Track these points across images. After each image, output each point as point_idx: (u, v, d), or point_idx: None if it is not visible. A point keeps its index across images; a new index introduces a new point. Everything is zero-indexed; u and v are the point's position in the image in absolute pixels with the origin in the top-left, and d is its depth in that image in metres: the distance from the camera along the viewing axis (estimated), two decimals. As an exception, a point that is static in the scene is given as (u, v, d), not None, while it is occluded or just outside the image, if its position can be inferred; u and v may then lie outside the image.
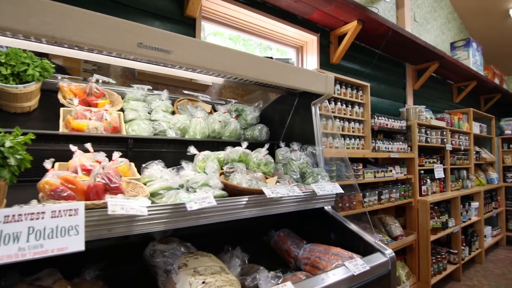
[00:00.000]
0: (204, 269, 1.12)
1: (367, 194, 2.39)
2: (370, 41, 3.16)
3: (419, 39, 3.15)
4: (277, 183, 1.51)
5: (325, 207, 1.74)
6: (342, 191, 1.61)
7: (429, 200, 2.90)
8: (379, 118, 2.64)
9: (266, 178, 1.60)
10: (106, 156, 1.15)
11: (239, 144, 1.65)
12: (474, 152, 4.37)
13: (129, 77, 2.15)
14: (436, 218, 3.07)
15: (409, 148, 2.99)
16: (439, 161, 3.45)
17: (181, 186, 1.21)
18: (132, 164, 1.38)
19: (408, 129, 3.06)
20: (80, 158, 1.16)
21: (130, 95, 1.77)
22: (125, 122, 1.66)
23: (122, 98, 1.76)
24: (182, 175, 1.34)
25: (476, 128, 4.48)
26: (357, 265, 1.26)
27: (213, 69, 1.28)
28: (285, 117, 2.17)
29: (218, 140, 1.88)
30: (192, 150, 1.46)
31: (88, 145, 1.18)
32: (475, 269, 3.80)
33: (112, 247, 1.36)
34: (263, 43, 2.82)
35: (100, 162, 1.04)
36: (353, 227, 1.61)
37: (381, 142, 2.63)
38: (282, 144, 1.93)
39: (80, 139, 1.34)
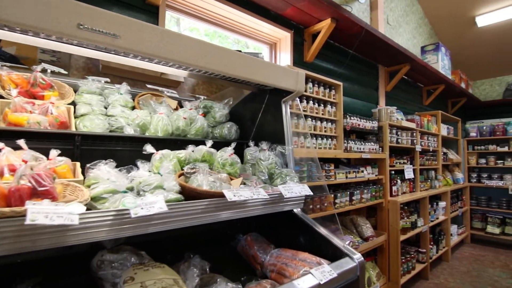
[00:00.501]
0: (154, 283, 1.00)
1: (339, 195, 2.35)
2: (343, 41, 3.14)
3: (392, 41, 3.18)
4: (243, 185, 1.41)
5: (294, 210, 1.66)
6: (311, 193, 1.53)
7: (399, 201, 2.93)
8: (352, 118, 2.61)
9: (232, 179, 1.49)
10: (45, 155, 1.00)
11: (206, 143, 1.55)
12: (442, 153, 4.51)
13: (93, 71, 1.97)
14: (406, 218, 3.10)
15: (380, 148, 3.00)
16: (409, 162, 3.51)
17: (131, 189, 1.07)
18: (78, 164, 1.23)
19: (380, 130, 3.08)
20: (8, 156, 1.00)
21: (84, 88, 1.60)
22: (76, 117, 1.49)
23: (76, 91, 1.58)
24: (134, 177, 1.20)
25: (444, 130, 4.63)
26: (324, 272, 1.18)
27: (170, 58, 1.15)
28: (255, 115, 2.08)
29: (183, 138, 1.75)
30: (148, 148, 1.33)
31: (21, 142, 1.01)
32: (442, 267, 3.91)
33: (52, 258, 1.19)
34: (241, 41, 2.72)
35: (26, 162, 0.88)
36: (321, 230, 1.54)
37: (353, 143, 2.61)
38: (251, 143, 1.83)
39: (17, 135, 1.16)
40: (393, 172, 3.17)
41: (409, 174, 3.39)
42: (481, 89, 6.73)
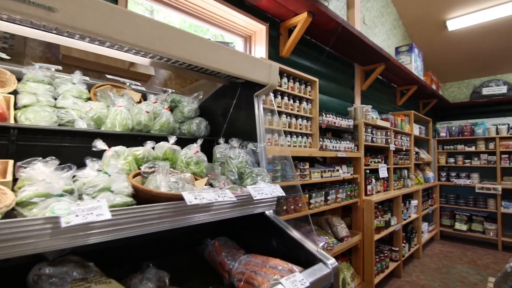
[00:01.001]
0: (94, 303, 0.84)
1: (314, 195, 2.28)
2: (320, 37, 3.08)
3: (368, 39, 3.16)
4: (208, 186, 1.28)
5: (266, 212, 1.55)
6: (284, 194, 1.43)
7: (374, 200, 2.91)
8: (328, 115, 2.55)
9: (197, 179, 1.36)
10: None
11: (169, 140, 1.40)
12: (414, 152, 4.60)
13: (52, 61, 1.75)
14: (380, 217, 3.10)
15: (356, 147, 2.97)
16: (383, 161, 3.52)
17: (70, 192, 0.91)
18: (11, 162, 1.04)
19: (355, 129, 3.05)
20: None
21: (29, 75, 1.39)
22: (18, 109, 1.29)
23: (19, 80, 1.38)
24: (79, 177, 1.04)
25: (416, 129, 4.73)
26: (295, 282, 1.08)
27: (121, 40, 1.00)
28: (227, 110, 1.95)
29: (145, 134, 1.59)
30: (99, 144, 1.16)
31: None
32: (413, 264, 3.98)
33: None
34: (218, 37, 2.57)
35: None
36: (294, 234, 1.44)
37: (329, 141, 2.55)
38: (221, 140, 1.70)
39: None
40: (368, 171, 3.16)
41: (383, 173, 3.40)
42: (450, 91, 6.98)
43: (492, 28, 5.15)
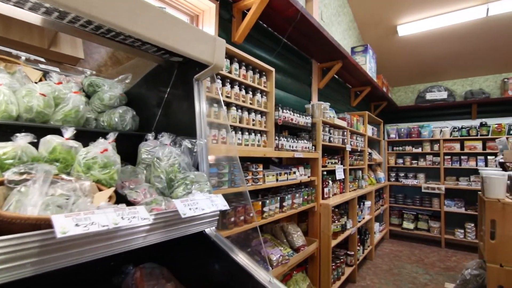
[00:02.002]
0: None
1: (268, 201, 1.97)
2: (277, 26, 2.80)
3: (327, 32, 2.97)
4: (110, 204, 0.88)
5: (206, 230, 1.19)
6: (227, 207, 1.08)
7: (331, 204, 2.72)
8: (284, 111, 2.27)
9: (100, 189, 0.95)
10: None
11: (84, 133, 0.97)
12: (368, 153, 4.61)
13: None
14: (336, 221, 2.93)
15: (313, 147, 2.75)
16: (339, 162, 3.38)
17: None
18: None
19: (313, 127, 2.83)
20: None
21: None
22: None
23: None
24: None
25: (369, 130, 4.75)
26: None
27: None
28: (161, 98, 1.55)
29: (40, 125, 1.13)
30: None
31: None
32: (367, 266, 3.93)
33: None
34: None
35: None
36: (240, 258, 1.09)
37: (285, 140, 2.28)
38: (150, 136, 1.30)
39: None
40: (325, 172, 2.97)
41: (340, 174, 3.25)
42: (397, 95, 7.29)
43: (436, 36, 5.41)
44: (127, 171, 1.18)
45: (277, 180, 2.11)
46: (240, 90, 1.92)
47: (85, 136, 1.06)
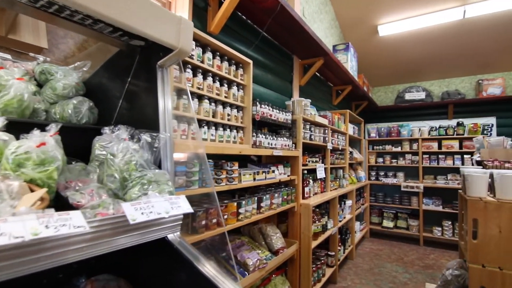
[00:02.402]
0: None
1: (244, 202, 1.84)
2: (256, 17, 2.68)
3: (308, 27, 2.88)
4: (41, 204, 0.72)
5: (169, 236, 1.05)
6: (190, 210, 0.94)
7: (312, 204, 2.63)
8: (263, 106, 2.15)
9: (33, 190, 0.79)
10: None
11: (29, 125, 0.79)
12: (349, 152, 4.57)
13: None
14: (317, 222, 2.84)
15: (293, 145, 2.65)
16: (321, 160, 3.31)
17: None
18: None
19: (293, 124, 2.73)
20: None
21: None
22: None
23: None
24: None
25: (350, 129, 4.72)
26: None
27: None
28: (122, 87, 1.38)
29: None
30: None
31: None
32: (348, 266, 3.89)
33: None
34: None
35: None
36: (206, 269, 0.96)
37: (264, 137, 2.15)
38: (106, 130, 1.13)
39: None
40: (305, 171, 2.88)
41: (321, 173, 3.17)
42: (378, 95, 7.36)
43: (415, 37, 5.47)
44: (75, 169, 1.02)
45: (254, 179, 1.98)
46: (214, 81, 1.77)
47: (31, 129, 0.87)
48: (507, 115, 5.56)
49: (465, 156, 4.95)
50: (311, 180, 3.00)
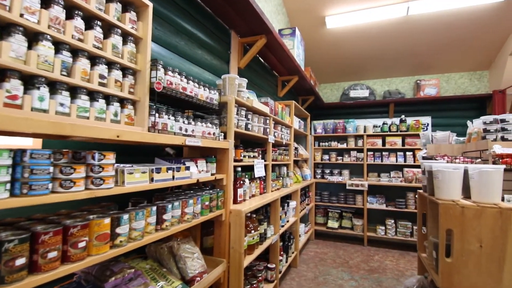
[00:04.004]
0: None
1: (126, 217, 1.16)
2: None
3: (245, -12, 2.30)
4: None
5: None
6: None
7: (246, 210, 2.05)
8: (169, 73, 1.48)
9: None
10: None
11: None
12: (294, 147, 4.15)
13: None
14: (253, 231, 2.28)
15: (222, 134, 2.04)
16: (260, 156, 2.76)
17: None
18: None
19: (223, 108, 2.12)
20: None
21: None
22: None
23: None
24: None
25: (296, 123, 4.30)
26: None
27: None
28: None
29: None
30: None
31: None
32: (290, 276, 3.42)
33: None
34: None
35: None
36: None
37: (172, 118, 1.49)
38: None
39: None
40: (239, 169, 2.29)
41: (260, 171, 2.62)
42: (324, 92, 7.19)
43: (361, 32, 5.30)
44: None
45: (152, 180, 1.32)
46: (72, 17, 1.06)
47: None
48: (440, 115, 5.75)
49: (407, 153, 4.90)
50: (246, 180, 2.43)
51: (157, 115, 1.40)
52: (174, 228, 1.45)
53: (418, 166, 4.78)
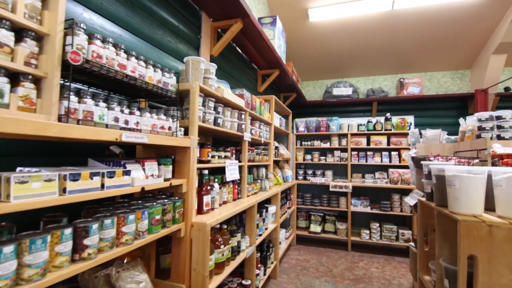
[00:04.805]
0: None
1: (3, 253, 0.77)
2: None
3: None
4: None
5: None
6: None
7: (212, 222, 1.68)
8: (95, 42, 1.07)
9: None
10: None
11: None
12: (274, 147, 3.81)
13: None
14: (223, 245, 1.91)
15: (182, 130, 1.66)
16: (234, 156, 2.40)
17: None
18: None
19: (185, 97, 1.74)
20: None
21: None
22: None
23: None
24: None
25: (277, 120, 3.96)
26: None
27: None
28: None
29: None
30: None
31: None
32: (269, 290, 3.09)
33: None
34: None
35: None
36: None
37: (101, 104, 1.09)
38: None
39: None
40: (206, 172, 1.92)
41: (233, 174, 2.25)
42: (307, 90, 6.93)
43: (345, 27, 5.05)
44: None
45: (64, 191, 0.92)
46: None
47: None
48: (423, 114, 5.63)
49: (392, 152, 4.68)
50: (216, 185, 2.06)
51: (75, 99, 1.00)
52: (102, 256, 1.05)
53: (404, 167, 4.58)
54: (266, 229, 3.04)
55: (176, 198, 1.58)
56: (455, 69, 5.91)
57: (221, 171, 2.28)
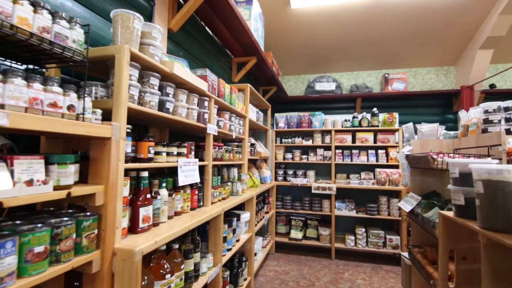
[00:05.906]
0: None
1: None
2: None
3: None
4: None
5: None
6: None
7: (146, 247, 1.16)
8: None
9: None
10: None
11: None
12: (249, 144, 3.33)
13: None
14: (169, 275, 1.40)
15: (99, 112, 1.13)
16: (192, 153, 1.88)
17: None
18: None
19: (111, 68, 1.21)
20: None
21: None
22: None
23: None
24: None
25: (253, 113, 3.48)
26: None
27: None
28: None
29: None
30: None
31: None
32: (241, 313, 2.60)
33: None
34: None
35: None
36: None
37: None
38: None
39: None
40: (145, 174, 1.39)
41: (188, 176, 1.74)
42: (288, 85, 6.51)
43: (328, 17, 4.63)
44: None
45: None
46: None
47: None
48: (408, 111, 5.36)
49: (379, 151, 4.32)
50: (163, 191, 1.54)
51: None
52: None
53: (392, 166, 4.23)
54: (237, 241, 2.55)
55: (87, 214, 1.05)
56: (439, 65, 5.68)
57: (170, 172, 1.76)
